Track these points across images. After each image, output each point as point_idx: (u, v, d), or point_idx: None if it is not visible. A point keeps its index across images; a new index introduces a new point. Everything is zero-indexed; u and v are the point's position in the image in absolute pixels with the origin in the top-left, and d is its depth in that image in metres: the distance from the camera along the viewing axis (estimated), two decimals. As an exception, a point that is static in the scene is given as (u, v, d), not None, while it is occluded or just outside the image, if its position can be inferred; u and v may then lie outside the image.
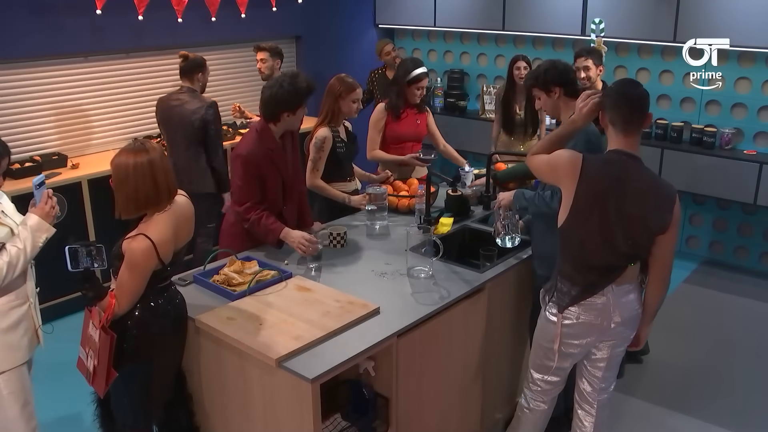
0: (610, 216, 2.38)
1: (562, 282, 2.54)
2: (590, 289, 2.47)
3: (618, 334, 2.55)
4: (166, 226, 2.37)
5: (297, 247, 2.99)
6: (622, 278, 2.47)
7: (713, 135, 5.05)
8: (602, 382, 2.67)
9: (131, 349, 2.39)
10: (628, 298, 2.51)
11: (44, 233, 2.55)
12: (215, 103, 4.31)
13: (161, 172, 2.36)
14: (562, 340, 2.56)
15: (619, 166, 2.39)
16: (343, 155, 3.62)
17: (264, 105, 3.07)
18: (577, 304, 2.49)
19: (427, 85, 4.07)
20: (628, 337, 2.61)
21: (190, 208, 2.55)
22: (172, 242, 2.40)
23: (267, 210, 3.06)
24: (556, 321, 2.55)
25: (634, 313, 2.55)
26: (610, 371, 2.67)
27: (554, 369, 2.67)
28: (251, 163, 3.02)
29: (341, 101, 3.55)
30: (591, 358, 2.64)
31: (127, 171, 2.31)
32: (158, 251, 2.33)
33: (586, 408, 2.73)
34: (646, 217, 2.39)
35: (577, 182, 2.39)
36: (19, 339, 2.58)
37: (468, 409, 3.03)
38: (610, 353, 2.60)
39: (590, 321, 2.50)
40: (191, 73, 4.31)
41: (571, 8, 5.40)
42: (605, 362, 2.62)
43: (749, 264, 5.29)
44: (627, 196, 2.37)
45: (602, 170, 2.39)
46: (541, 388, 2.77)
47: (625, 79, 2.61)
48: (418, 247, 3.07)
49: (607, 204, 2.37)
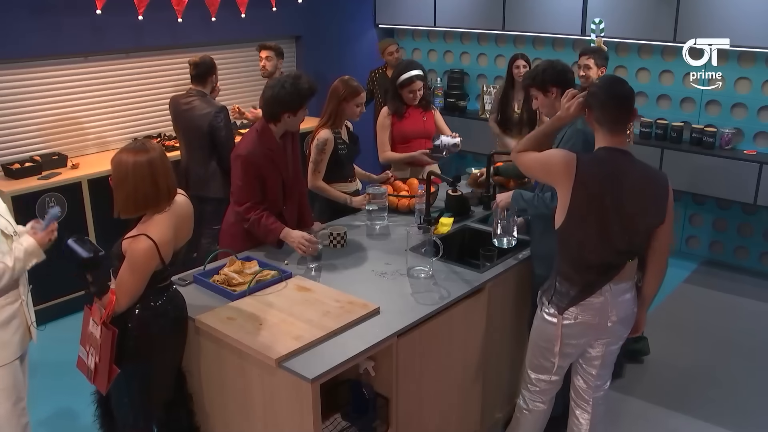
0: (609, 215, 2.38)
1: (561, 283, 2.54)
2: (589, 288, 2.48)
3: (614, 332, 2.57)
4: (167, 227, 2.37)
5: (297, 247, 2.99)
6: (620, 276, 2.48)
7: (713, 135, 5.05)
8: (597, 379, 2.68)
9: (131, 348, 2.39)
10: (625, 298, 2.53)
11: (35, 258, 2.55)
12: (225, 108, 4.29)
13: (161, 172, 2.35)
14: (563, 341, 2.56)
15: (613, 164, 2.39)
16: (344, 156, 3.62)
17: (265, 105, 3.07)
18: (576, 305, 2.50)
19: (423, 85, 4.02)
20: (623, 336, 2.62)
21: (189, 208, 2.55)
22: (173, 242, 2.40)
23: (267, 210, 3.06)
24: (555, 322, 2.55)
25: (630, 312, 2.57)
26: (605, 369, 2.68)
27: (553, 369, 2.67)
28: (251, 163, 3.02)
29: (345, 104, 3.54)
30: (586, 356, 2.65)
31: (126, 170, 2.31)
32: (160, 252, 2.33)
33: (582, 405, 2.74)
34: (646, 211, 2.40)
35: (573, 183, 2.38)
36: (10, 336, 2.57)
37: (468, 409, 3.03)
38: (605, 351, 2.61)
39: (588, 321, 2.51)
40: (204, 77, 4.32)
41: (571, 8, 5.39)
42: (600, 360, 2.63)
43: (749, 264, 5.29)
44: (624, 193, 2.37)
45: (597, 170, 2.39)
46: (539, 388, 2.77)
47: (610, 76, 2.63)
48: (418, 247, 3.07)
49: (605, 203, 2.37)
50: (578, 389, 2.73)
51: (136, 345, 2.39)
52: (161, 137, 5.28)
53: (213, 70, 4.34)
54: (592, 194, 2.38)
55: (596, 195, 2.38)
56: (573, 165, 2.39)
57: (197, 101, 4.25)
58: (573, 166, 2.38)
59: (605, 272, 2.46)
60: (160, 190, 2.35)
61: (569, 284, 2.51)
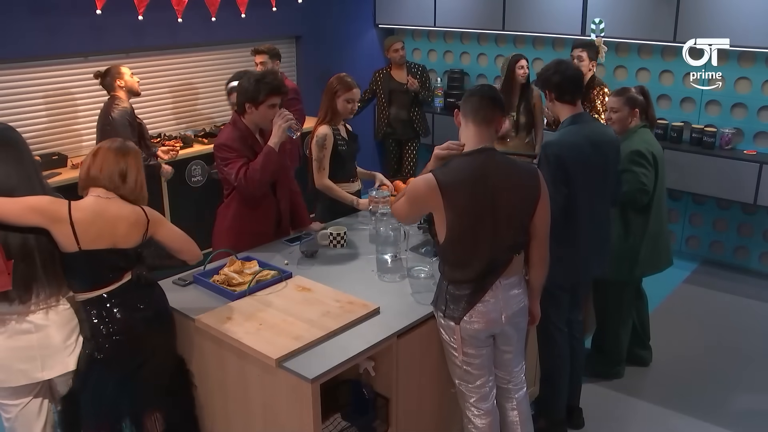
0: (486, 216, 2.40)
1: (453, 288, 2.50)
2: (481, 287, 2.47)
3: (513, 323, 2.56)
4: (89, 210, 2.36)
5: (280, 126, 3.05)
6: (508, 271, 2.49)
7: (713, 135, 5.04)
8: (515, 364, 2.68)
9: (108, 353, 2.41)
10: (514, 293, 2.53)
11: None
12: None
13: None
14: (464, 348, 2.53)
15: (473, 167, 2.41)
16: (345, 153, 3.61)
17: (236, 97, 3.19)
18: (471, 310, 2.47)
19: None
20: (521, 324, 2.62)
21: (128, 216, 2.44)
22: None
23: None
24: (455, 330, 2.50)
25: (521, 305, 2.57)
26: (519, 353, 2.69)
27: (473, 367, 2.58)
28: (232, 147, 3.09)
29: (337, 99, 3.55)
30: (497, 346, 2.64)
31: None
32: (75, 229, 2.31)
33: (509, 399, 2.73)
34: (518, 190, 2.43)
35: (443, 203, 2.39)
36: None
37: (468, 409, 3.02)
38: (514, 335, 2.61)
39: (484, 320, 2.49)
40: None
41: (571, 8, 5.39)
42: (512, 345, 2.63)
43: (749, 264, 5.28)
44: (494, 189, 2.39)
45: (460, 178, 2.40)
46: (477, 395, 2.61)
47: (481, 85, 2.68)
48: (418, 247, 3.07)
49: (479, 207, 2.39)
50: (501, 379, 2.70)
51: (114, 349, 2.41)
52: (161, 137, 5.28)
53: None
54: (464, 205, 2.39)
55: (469, 205, 2.39)
56: (434, 185, 2.39)
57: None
58: (435, 186, 2.39)
59: (494, 268, 2.46)
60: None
61: (460, 287, 2.48)
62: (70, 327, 2.42)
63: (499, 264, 2.47)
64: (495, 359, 2.65)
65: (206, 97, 5.69)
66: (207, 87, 5.66)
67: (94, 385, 2.43)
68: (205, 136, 5.30)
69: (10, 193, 2.26)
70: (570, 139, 2.88)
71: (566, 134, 2.89)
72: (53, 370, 2.39)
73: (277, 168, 3.13)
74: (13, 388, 2.40)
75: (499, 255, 2.46)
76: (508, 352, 2.64)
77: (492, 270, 2.46)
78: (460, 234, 2.42)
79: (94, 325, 2.40)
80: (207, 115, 5.72)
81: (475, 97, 2.47)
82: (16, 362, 2.34)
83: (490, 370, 2.63)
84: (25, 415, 2.46)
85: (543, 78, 2.95)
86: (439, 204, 2.40)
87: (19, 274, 2.25)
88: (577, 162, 2.85)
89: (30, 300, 2.32)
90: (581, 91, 2.98)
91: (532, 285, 2.67)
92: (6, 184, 2.28)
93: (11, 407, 2.44)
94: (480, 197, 2.39)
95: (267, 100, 3.07)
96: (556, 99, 2.94)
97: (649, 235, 3.46)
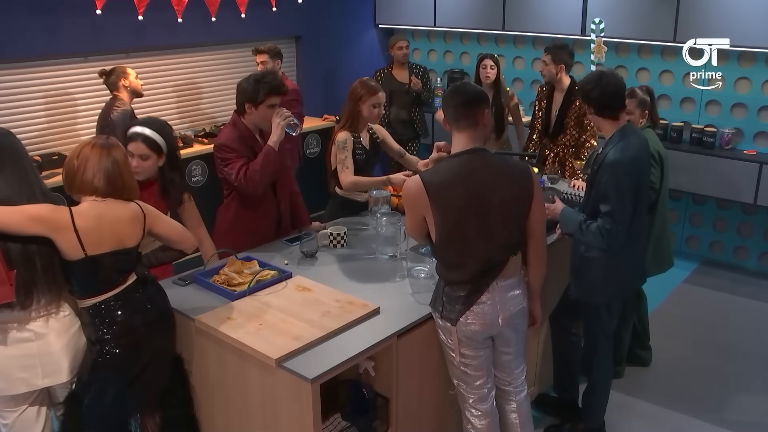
0: (477, 215, 2.39)
1: (450, 290, 2.50)
2: (477, 288, 2.46)
3: (511, 325, 2.56)
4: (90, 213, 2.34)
5: (279, 123, 3.04)
6: (505, 272, 2.48)
7: (713, 135, 5.04)
8: (516, 366, 2.67)
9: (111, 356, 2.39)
10: (513, 294, 2.52)
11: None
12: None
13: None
14: (462, 349, 2.53)
15: (460, 167, 2.40)
16: (362, 162, 3.52)
17: (236, 97, 3.18)
18: (468, 311, 2.47)
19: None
20: (521, 326, 2.61)
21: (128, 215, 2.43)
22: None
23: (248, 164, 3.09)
24: (452, 331, 2.51)
25: (520, 307, 2.56)
26: (520, 354, 2.68)
27: (471, 369, 2.58)
28: (232, 147, 3.09)
29: (362, 105, 3.45)
30: (496, 348, 2.63)
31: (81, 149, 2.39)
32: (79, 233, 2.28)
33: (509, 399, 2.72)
34: (510, 189, 2.42)
35: (431, 206, 2.39)
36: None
37: (468, 409, 3.02)
38: (512, 337, 2.60)
39: (481, 322, 2.48)
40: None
41: (571, 8, 5.39)
42: (511, 347, 2.62)
43: (749, 264, 5.29)
44: (483, 189, 2.38)
45: (446, 180, 2.39)
46: (475, 396, 2.62)
47: (459, 83, 2.64)
48: (418, 247, 3.07)
49: (467, 207, 2.38)
50: (500, 379, 2.69)
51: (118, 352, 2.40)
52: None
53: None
54: (454, 207, 2.39)
55: (459, 206, 2.38)
56: (420, 186, 2.39)
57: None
58: (421, 187, 2.39)
59: (491, 270, 2.46)
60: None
61: (457, 289, 2.48)
62: (70, 334, 2.40)
63: (494, 265, 2.46)
64: (494, 361, 2.65)
65: (206, 97, 5.69)
66: (207, 87, 5.67)
67: (99, 390, 2.41)
68: (205, 136, 5.30)
69: (9, 200, 2.25)
70: (630, 154, 2.79)
71: (626, 150, 2.79)
72: (54, 377, 2.38)
73: (277, 167, 3.12)
74: (12, 396, 2.39)
75: (495, 256, 2.45)
76: (507, 353, 2.63)
77: (488, 271, 2.46)
78: (449, 234, 2.42)
79: (100, 329, 2.38)
80: (208, 115, 5.73)
81: (450, 108, 2.44)
82: (17, 370, 2.33)
83: (489, 371, 2.63)
84: (23, 421, 2.45)
85: (583, 92, 2.89)
86: (427, 204, 2.40)
87: (20, 280, 2.24)
88: (638, 174, 2.84)
89: (31, 306, 2.30)
90: (623, 105, 2.90)
91: (531, 286, 2.66)
92: (5, 191, 2.26)
93: (9, 413, 2.43)
94: (467, 197, 2.38)
95: (266, 100, 3.06)
96: (596, 113, 2.86)
97: (654, 236, 3.47)
